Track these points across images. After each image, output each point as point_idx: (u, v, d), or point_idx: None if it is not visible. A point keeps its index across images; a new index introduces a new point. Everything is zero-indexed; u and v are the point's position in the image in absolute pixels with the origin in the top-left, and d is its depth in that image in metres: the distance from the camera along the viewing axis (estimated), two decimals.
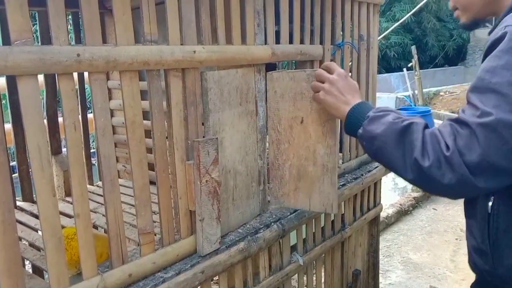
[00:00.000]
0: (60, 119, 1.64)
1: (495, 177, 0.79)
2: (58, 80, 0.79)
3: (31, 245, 1.33)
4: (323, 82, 1.08)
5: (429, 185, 0.83)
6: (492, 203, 0.91)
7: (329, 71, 1.08)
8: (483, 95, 0.78)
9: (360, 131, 0.94)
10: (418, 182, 0.85)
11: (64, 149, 1.63)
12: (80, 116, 1.76)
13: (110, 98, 1.84)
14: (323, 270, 1.68)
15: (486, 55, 0.84)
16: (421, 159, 0.81)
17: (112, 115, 1.85)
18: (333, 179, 1.21)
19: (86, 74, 1.55)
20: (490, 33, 0.95)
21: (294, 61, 1.88)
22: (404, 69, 8.52)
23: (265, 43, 1.24)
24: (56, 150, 1.67)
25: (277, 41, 1.30)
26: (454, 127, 0.80)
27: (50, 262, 0.81)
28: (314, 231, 1.55)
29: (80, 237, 0.86)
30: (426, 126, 0.87)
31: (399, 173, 0.88)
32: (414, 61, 7.60)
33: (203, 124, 1.09)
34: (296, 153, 1.25)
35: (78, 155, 0.83)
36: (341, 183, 1.63)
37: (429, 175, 0.81)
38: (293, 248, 1.48)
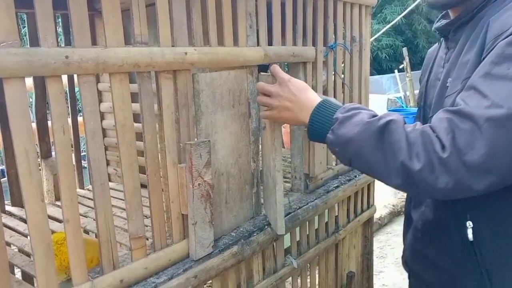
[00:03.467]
0: (49, 122, 1.62)
1: (496, 179, 0.69)
2: (46, 83, 0.77)
3: (21, 250, 1.31)
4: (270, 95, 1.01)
5: (420, 189, 0.74)
6: (473, 229, 0.81)
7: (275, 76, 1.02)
8: (496, 83, 0.69)
9: (330, 136, 0.83)
10: (406, 186, 0.75)
11: (54, 153, 1.61)
12: (70, 119, 1.74)
13: (100, 101, 1.82)
14: (317, 273, 1.67)
15: (501, 40, 0.74)
16: (409, 162, 0.71)
17: (103, 118, 1.82)
18: (275, 197, 1.17)
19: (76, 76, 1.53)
20: (451, 25, 0.90)
21: (286, 63, 1.88)
22: (396, 71, 8.57)
23: (258, 45, 1.23)
24: (45, 153, 1.64)
25: (270, 43, 1.29)
26: (454, 122, 0.70)
27: (39, 269, 0.79)
28: (308, 233, 1.54)
29: (69, 242, 0.84)
30: (405, 122, 0.78)
31: (381, 179, 0.78)
32: (406, 63, 7.65)
33: (195, 126, 1.07)
34: (264, 160, 1.23)
35: (67, 159, 0.81)
36: (335, 185, 1.62)
37: (419, 179, 0.71)
38: (287, 251, 1.47)
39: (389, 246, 3.51)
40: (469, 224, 0.82)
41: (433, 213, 0.94)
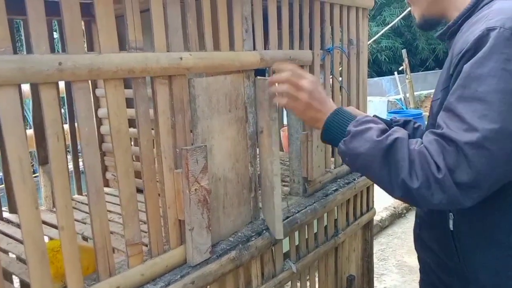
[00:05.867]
0: None
1: (483, 192, 0.76)
2: (39, 90, 0.77)
3: (18, 258, 1.30)
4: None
5: (418, 203, 0.82)
6: (454, 221, 0.92)
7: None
8: (470, 105, 0.75)
9: (342, 147, 0.89)
10: (406, 199, 0.82)
11: None
12: (68, 125, 1.73)
13: (99, 106, 1.82)
14: (317, 277, 1.66)
15: (462, 58, 0.79)
16: (409, 180, 0.78)
17: (101, 124, 1.82)
18: (273, 201, 1.17)
19: None
20: (444, 35, 0.95)
21: None
22: (395, 73, 8.56)
23: (254, 49, 1.23)
24: (43, 160, 1.64)
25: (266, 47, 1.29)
26: (441, 143, 0.77)
27: (33, 277, 0.79)
28: (307, 237, 1.53)
29: (65, 250, 0.83)
30: (409, 137, 0.84)
31: (385, 190, 0.85)
32: (405, 65, 7.65)
33: (191, 131, 1.07)
34: (262, 164, 1.23)
35: (61, 167, 0.81)
36: (334, 188, 1.61)
37: (417, 195, 0.78)
38: (286, 255, 1.46)
39: (391, 248, 3.49)
40: (451, 215, 0.92)
41: None
